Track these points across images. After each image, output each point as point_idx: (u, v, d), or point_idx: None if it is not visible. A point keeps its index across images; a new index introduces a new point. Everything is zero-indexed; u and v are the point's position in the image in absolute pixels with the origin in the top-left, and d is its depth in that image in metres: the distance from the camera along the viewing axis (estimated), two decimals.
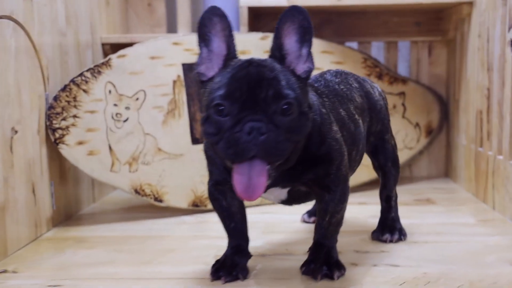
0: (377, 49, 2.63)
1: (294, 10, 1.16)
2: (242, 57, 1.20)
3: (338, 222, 1.33)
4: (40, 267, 1.42)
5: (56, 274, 1.36)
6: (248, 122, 1.07)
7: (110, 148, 1.83)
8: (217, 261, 1.34)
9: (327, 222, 1.31)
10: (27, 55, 1.64)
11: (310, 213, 1.81)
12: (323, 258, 1.31)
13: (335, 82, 1.46)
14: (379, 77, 2.28)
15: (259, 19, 2.50)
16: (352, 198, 2.16)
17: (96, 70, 1.83)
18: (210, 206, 1.94)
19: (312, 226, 1.77)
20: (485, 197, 1.98)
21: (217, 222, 1.83)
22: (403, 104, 2.33)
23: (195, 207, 1.93)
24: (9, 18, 1.55)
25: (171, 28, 2.69)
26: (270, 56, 1.18)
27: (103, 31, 2.28)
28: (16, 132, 1.56)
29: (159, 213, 1.94)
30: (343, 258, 1.38)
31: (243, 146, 1.06)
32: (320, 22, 2.54)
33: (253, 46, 2.06)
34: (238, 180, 1.09)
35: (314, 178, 1.26)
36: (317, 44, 2.19)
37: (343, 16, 2.52)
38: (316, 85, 1.42)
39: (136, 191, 1.85)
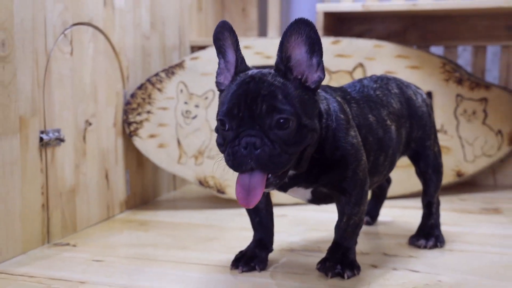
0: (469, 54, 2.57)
1: (300, 22, 1.17)
2: None
3: (356, 225, 1.38)
4: (95, 244, 1.63)
5: (105, 251, 1.56)
6: (244, 137, 1.15)
7: (178, 142, 2.01)
8: (240, 252, 1.45)
9: (344, 223, 1.37)
10: (106, 57, 1.86)
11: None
12: (338, 258, 1.36)
13: (371, 88, 1.50)
14: (459, 82, 2.23)
15: (342, 23, 2.55)
16: (409, 202, 2.16)
17: (170, 71, 2.02)
18: (276, 200, 2.06)
19: (367, 228, 1.81)
20: None
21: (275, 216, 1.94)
22: (484, 111, 2.26)
23: None
24: (88, 24, 1.77)
25: (262, 31, 2.83)
26: (275, 70, 1.22)
27: (193, 35, 2.47)
28: (90, 124, 1.79)
29: (225, 204, 2.09)
30: (367, 259, 1.42)
31: (240, 160, 1.15)
32: (404, 27, 2.53)
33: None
34: (238, 189, 1.18)
35: (330, 181, 1.32)
36: (392, 48, 2.20)
37: (428, 20, 2.49)
38: (349, 90, 1.47)
39: (201, 183, 2.02)
